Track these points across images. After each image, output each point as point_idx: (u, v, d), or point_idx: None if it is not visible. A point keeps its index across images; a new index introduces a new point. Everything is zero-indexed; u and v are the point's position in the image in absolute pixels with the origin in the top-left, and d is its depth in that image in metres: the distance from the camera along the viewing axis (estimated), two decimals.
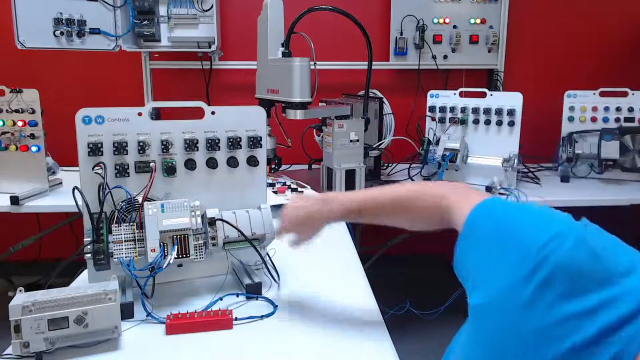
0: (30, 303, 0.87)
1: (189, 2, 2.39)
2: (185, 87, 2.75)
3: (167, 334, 0.98)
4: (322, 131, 2.09)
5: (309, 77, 1.83)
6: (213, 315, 1.01)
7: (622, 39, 2.85)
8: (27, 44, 2.18)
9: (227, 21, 2.68)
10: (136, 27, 2.38)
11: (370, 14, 2.69)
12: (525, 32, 2.77)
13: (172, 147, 1.16)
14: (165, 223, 1.06)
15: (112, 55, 2.35)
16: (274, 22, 1.92)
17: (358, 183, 2.04)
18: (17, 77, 2.17)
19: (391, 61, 2.71)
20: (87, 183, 1.09)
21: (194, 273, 1.22)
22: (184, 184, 1.18)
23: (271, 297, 1.13)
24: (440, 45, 2.71)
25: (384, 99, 2.32)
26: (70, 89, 2.64)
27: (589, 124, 2.35)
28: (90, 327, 0.90)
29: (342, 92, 2.51)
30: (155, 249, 1.04)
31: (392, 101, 2.36)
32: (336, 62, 2.67)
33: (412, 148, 2.38)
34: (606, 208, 2.08)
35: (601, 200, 2.04)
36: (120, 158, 1.12)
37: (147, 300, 1.04)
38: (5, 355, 0.89)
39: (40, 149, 1.96)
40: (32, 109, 1.93)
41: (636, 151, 2.19)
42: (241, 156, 1.22)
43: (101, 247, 1.04)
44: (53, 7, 2.20)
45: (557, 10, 2.82)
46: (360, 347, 0.94)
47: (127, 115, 1.12)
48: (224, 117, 1.20)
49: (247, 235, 1.14)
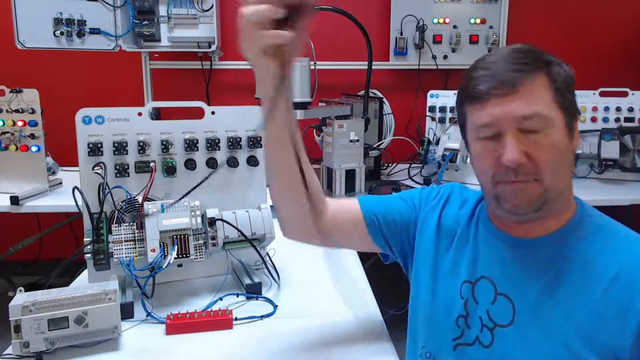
0: (30, 303, 0.87)
1: (189, 2, 2.39)
2: (185, 87, 2.75)
3: (167, 334, 0.98)
4: (322, 131, 2.09)
5: (309, 77, 1.83)
6: (213, 315, 1.01)
7: (622, 39, 2.84)
8: (27, 44, 2.18)
9: (227, 21, 2.68)
10: (136, 27, 2.37)
11: (370, 14, 2.69)
12: (525, 32, 2.77)
13: (172, 147, 1.16)
14: (165, 223, 1.06)
15: (112, 55, 2.35)
16: None
17: (358, 183, 2.04)
18: (17, 77, 2.17)
19: (391, 61, 2.71)
20: (87, 183, 1.09)
21: (194, 273, 1.22)
22: (184, 184, 1.18)
23: (271, 297, 1.13)
24: (440, 45, 2.71)
25: (384, 99, 2.32)
26: (70, 89, 2.64)
27: (589, 124, 2.35)
28: (90, 327, 0.90)
29: (342, 92, 2.51)
30: (155, 249, 1.04)
31: (392, 101, 2.36)
32: (336, 62, 2.67)
33: (412, 148, 2.37)
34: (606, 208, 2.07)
35: (601, 200, 2.03)
36: (120, 158, 1.12)
37: (147, 300, 1.04)
38: (5, 355, 0.89)
39: (40, 149, 1.96)
40: (32, 109, 1.93)
41: (636, 151, 2.19)
42: (241, 156, 1.23)
43: (101, 247, 1.04)
44: (53, 7, 2.20)
45: (557, 10, 2.82)
46: (360, 347, 0.94)
47: (127, 115, 1.12)
48: (224, 117, 1.20)
49: (247, 235, 1.14)
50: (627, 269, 0.73)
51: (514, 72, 0.74)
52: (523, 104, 0.74)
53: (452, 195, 0.96)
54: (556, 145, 0.75)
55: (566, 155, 0.77)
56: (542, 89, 0.75)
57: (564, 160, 0.77)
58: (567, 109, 0.77)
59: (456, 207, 0.94)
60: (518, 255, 0.82)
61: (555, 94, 0.75)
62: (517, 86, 0.74)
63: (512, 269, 0.82)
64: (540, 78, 0.75)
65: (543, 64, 0.76)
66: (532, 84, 0.74)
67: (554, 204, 0.78)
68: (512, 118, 0.74)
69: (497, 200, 0.80)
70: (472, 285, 0.85)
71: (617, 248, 0.77)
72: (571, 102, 0.78)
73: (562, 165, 0.77)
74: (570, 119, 0.77)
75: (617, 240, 0.78)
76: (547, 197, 0.76)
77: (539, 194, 0.76)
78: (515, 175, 0.75)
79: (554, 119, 0.75)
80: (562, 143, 0.76)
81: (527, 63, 0.75)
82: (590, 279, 0.75)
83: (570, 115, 0.77)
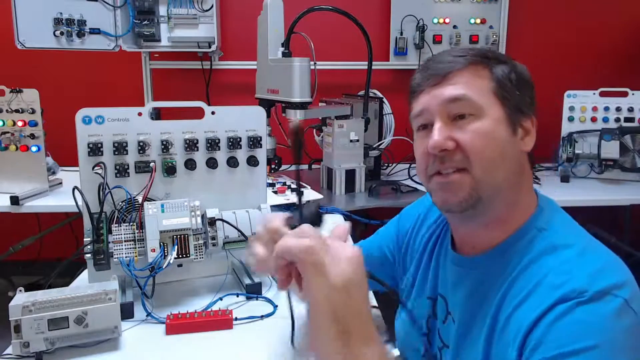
0: (30, 303, 0.87)
1: (189, 2, 2.39)
2: (185, 87, 2.75)
3: (167, 334, 0.98)
4: (322, 131, 2.09)
5: (309, 77, 1.83)
6: (213, 315, 1.01)
7: (622, 39, 2.84)
8: (27, 44, 2.18)
9: (227, 21, 2.68)
10: (136, 27, 2.38)
11: (370, 14, 2.69)
12: (525, 32, 2.77)
13: (172, 147, 1.16)
14: (165, 223, 1.06)
15: (112, 55, 2.35)
16: (274, 22, 1.92)
17: (358, 183, 2.04)
18: (17, 77, 2.17)
19: (391, 61, 2.71)
20: (87, 183, 1.09)
21: (194, 273, 1.22)
22: (184, 184, 1.18)
23: (271, 297, 1.13)
24: (440, 45, 2.71)
25: (384, 99, 2.32)
26: (70, 89, 2.64)
27: (589, 124, 2.35)
28: (90, 327, 0.90)
29: (342, 92, 2.51)
30: (155, 249, 1.04)
31: (392, 101, 2.35)
32: (336, 62, 2.67)
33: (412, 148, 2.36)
34: (606, 208, 2.08)
35: (601, 200, 2.04)
36: (120, 158, 1.12)
37: (147, 300, 1.04)
38: (5, 355, 0.89)
39: (40, 149, 1.96)
40: (32, 109, 1.93)
41: (636, 151, 2.19)
42: (241, 156, 1.22)
43: (101, 247, 1.04)
44: (53, 7, 2.20)
45: (557, 10, 2.82)
46: None
47: (127, 115, 1.12)
48: (224, 117, 1.20)
49: (247, 235, 1.14)
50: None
51: (447, 64, 0.74)
52: (450, 88, 0.72)
53: (432, 208, 0.94)
54: (488, 134, 0.70)
55: (504, 149, 0.72)
56: (476, 78, 0.73)
57: (501, 154, 0.71)
58: (511, 104, 0.73)
59: (432, 220, 0.93)
60: (460, 273, 0.79)
61: (496, 86, 0.73)
62: (448, 75, 0.73)
63: (456, 289, 0.79)
64: (475, 68, 0.73)
65: (480, 57, 0.74)
66: (463, 74, 0.73)
67: (491, 204, 0.72)
68: (439, 102, 0.72)
69: (432, 196, 0.77)
70: (432, 301, 0.85)
71: (544, 291, 0.64)
72: (520, 100, 0.74)
73: (498, 158, 0.71)
74: (515, 115, 0.73)
75: (549, 277, 0.65)
76: (480, 193, 0.70)
77: (470, 187, 0.70)
78: (441, 163, 0.72)
79: (487, 108, 0.71)
80: (498, 134, 0.71)
81: (461, 55, 0.74)
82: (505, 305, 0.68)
83: (514, 111, 0.73)
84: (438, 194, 0.75)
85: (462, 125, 0.71)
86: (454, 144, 0.71)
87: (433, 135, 0.72)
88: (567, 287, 0.62)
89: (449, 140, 0.71)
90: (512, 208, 0.74)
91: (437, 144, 0.71)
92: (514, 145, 0.73)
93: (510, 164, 0.72)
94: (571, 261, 0.66)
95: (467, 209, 0.72)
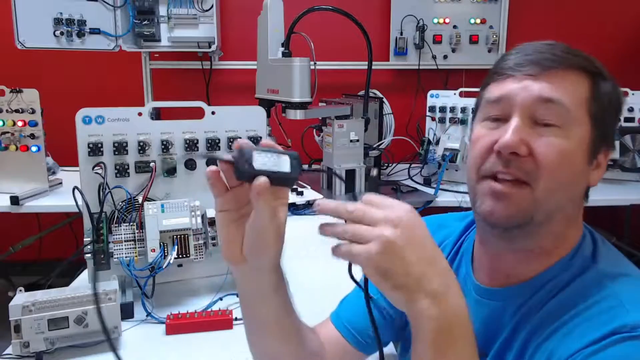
0: (30, 303, 0.87)
1: (189, 2, 2.39)
2: (185, 87, 2.75)
3: (167, 334, 0.98)
4: (322, 131, 2.09)
5: (309, 77, 1.83)
6: (213, 315, 1.01)
7: (622, 39, 2.84)
8: (27, 44, 2.18)
9: (227, 21, 2.68)
10: (136, 27, 2.38)
11: (370, 14, 2.69)
12: (525, 32, 2.77)
13: (172, 147, 1.16)
14: (165, 223, 1.06)
15: (112, 55, 2.35)
16: (274, 22, 1.92)
17: (358, 183, 2.04)
18: (17, 77, 2.17)
19: (391, 61, 2.71)
20: (87, 183, 1.09)
21: (194, 273, 1.22)
22: (184, 184, 1.18)
23: None
24: (440, 45, 2.71)
25: (384, 99, 2.32)
26: (70, 89, 2.64)
27: None
28: (90, 327, 0.90)
29: (342, 92, 2.51)
30: (155, 249, 1.04)
31: (392, 101, 2.35)
32: (336, 62, 2.67)
33: (412, 148, 2.37)
34: (606, 208, 2.08)
35: (601, 200, 2.04)
36: (120, 158, 1.12)
37: (147, 300, 1.04)
38: (5, 355, 0.89)
39: (40, 149, 1.96)
40: (32, 109, 1.93)
41: (636, 151, 2.19)
42: None
43: (101, 247, 1.04)
44: (53, 7, 2.20)
45: (557, 10, 2.82)
46: None
47: (127, 115, 1.12)
48: (224, 117, 1.20)
49: None
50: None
51: (550, 56, 0.63)
52: (546, 86, 0.61)
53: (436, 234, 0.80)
54: (567, 154, 0.60)
55: (575, 175, 0.62)
56: (577, 85, 0.62)
57: (571, 180, 0.62)
58: (600, 129, 0.63)
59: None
60: (482, 304, 0.69)
61: (593, 102, 0.62)
62: (551, 70, 0.62)
63: (476, 323, 0.63)
64: (579, 75, 0.63)
65: (588, 65, 0.64)
66: (567, 76, 0.62)
67: (540, 229, 0.63)
68: (527, 97, 0.61)
69: (476, 201, 0.65)
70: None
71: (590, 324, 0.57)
72: (609, 126, 0.65)
73: (566, 183, 0.62)
74: (599, 142, 0.63)
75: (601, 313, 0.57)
76: (534, 214, 0.61)
77: (526, 204, 0.61)
78: (505, 167, 0.61)
79: (576, 124, 0.61)
80: (576, 158, 0.61)
81: (570, 54, 0.63)
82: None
83: (600, 136, 0.63)
84: (487, 201, 0.63)
85: (542, 133, 0.61)
86: (527, 150, 0.60)
87: (507, 133, 0.61)
88: (618, 322, 0.55)
89: (523, 144, 0.60)
90: (558, 240, 0.65)
91: (511, 144, 0.60)
92: (584, 176, 0.64)
93: (573, 193, 0.64)
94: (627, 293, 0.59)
95: (513, 227, 0.62)
